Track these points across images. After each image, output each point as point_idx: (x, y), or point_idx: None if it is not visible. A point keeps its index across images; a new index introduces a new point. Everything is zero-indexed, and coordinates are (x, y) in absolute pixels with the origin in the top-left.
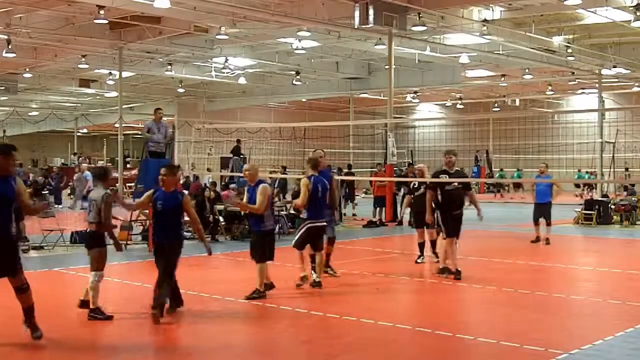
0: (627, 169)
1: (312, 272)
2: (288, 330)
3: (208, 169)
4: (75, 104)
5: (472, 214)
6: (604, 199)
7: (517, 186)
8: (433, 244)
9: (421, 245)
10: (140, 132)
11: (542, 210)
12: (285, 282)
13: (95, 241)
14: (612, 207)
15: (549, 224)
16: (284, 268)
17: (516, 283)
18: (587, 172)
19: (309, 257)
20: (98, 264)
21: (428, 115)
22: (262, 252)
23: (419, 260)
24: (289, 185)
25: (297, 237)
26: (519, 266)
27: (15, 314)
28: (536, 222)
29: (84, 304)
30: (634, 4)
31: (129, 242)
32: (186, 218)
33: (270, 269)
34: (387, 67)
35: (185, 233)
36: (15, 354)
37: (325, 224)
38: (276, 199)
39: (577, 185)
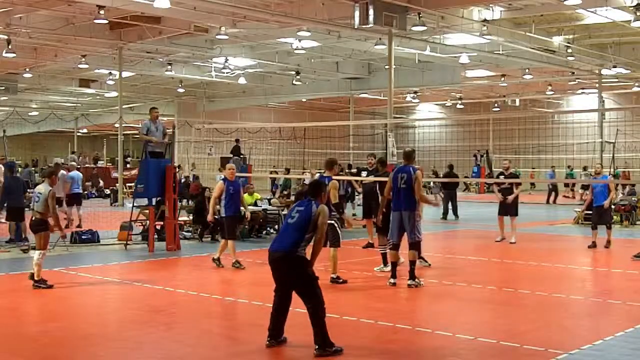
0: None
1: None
2: (288, 330)
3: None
4: (75, 104)
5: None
6: None
7: (566, 185)
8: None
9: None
10: (138, 133)
11: (601, 214)
12: None
13: (42, 226)
14: (612, 207)
15: (609, 227)
16: None
17: (516, 283)
18: (571, 170)
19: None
20: (44, 244)
21: (428, 115)
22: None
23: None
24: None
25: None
26: (518, 266)
27: (18, 313)
28: (594, 227)
29: (32, 276)
30: (634, 4)
31: (129, 242)
32: None
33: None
34: (387, 67)
35: (185, 233)
36: (20, 351)
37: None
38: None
39: (567, 185)
